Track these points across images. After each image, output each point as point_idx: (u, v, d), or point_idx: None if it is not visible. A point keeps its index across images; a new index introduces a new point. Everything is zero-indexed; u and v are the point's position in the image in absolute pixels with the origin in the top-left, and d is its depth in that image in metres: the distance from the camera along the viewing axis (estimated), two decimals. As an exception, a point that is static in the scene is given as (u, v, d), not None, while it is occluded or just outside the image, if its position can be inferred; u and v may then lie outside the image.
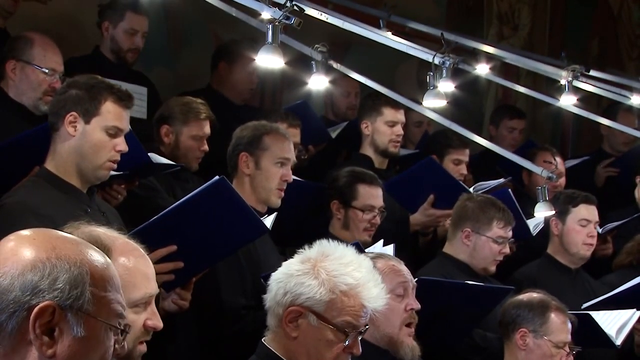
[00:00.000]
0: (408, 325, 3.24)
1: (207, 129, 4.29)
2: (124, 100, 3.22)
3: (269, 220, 3.63)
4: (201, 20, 5.72)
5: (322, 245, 2.60)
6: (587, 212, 4.70)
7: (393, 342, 3.21)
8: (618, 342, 4.05)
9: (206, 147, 4.29)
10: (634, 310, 4.16)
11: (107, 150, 3.19)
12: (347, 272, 2.51)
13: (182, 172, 4.26)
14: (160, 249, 2.88)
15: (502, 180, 4.88)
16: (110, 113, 3.18)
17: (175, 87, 5.36)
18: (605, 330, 4.02)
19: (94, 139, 3.17)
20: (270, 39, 3.53)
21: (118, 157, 3.22)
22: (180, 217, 3.03)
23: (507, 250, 4.30)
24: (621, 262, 5.01)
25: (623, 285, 4.35)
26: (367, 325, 2.56)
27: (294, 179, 3.97)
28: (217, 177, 3.06)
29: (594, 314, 4.07)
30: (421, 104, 4.50)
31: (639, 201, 5.66)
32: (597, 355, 4.30)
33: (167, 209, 3.06)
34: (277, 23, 3.50)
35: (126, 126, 3.25)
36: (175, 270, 2.96)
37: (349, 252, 2.59)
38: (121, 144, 3.21)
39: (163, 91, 5.16)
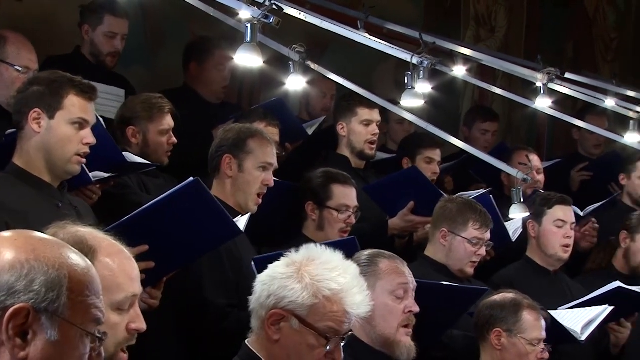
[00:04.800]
0: (405, 326, 3.23)
1: (171, 122, 4.24)
2: (87, 92, 3.17)
3: (242, 221, 3.58)
4: (179, 20, 5.66)
5: (309, 249, 2.57)
6: (562, 213, 4.69)
7: (389, 343, 3.20)
8: (583, 337, 4.04)
9: (174, 139, 4.23)
10: (605, 306, 4.17)
11: (74, 144, 3.14)
12: (332, 278, 2.48)
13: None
14: (132, 249, 2.84)
15: (482, 190, 4.89)
16: (75, 106, 3.13)
17: (153, 86, 5.30)
18: (569, 326, 4.02)
19: (59, 133, 3.12)
20: (248, 38, 3.50)
21: (87, 150, 3.17)
22: (153, 217, 2.98)
23: (482, 252, 4.28)
24: (591, 268, 5.06)
25: (596, 292, 4.35)
26: (350, 331, 2.54)
27: None
28: (191, 179, 3.01)
29: (557, 311, 4.08)
30: (399, 104, 4.48)
31: (624, 197, 5.73)
32: (574, 354, 4.29)
33: (139, 209, 3.01)
34: (255, 22, 3.48)
35: (92, 118, 3.19)
36: (146, 270, 2.88)
37: (336, 257, 2.56)
38: (88, 137, 3.16)
39: (141, 90, 5.09)
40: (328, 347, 2.46)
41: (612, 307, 4.17)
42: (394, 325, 3.16)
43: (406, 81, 4.15)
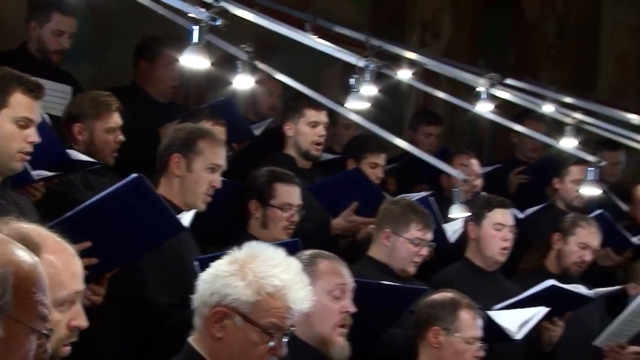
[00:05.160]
0: (341, 326, 3.23)
1: (119, 120, 4.21)
2: (34, 91, 3.14)
3: (187, 218, 3.58)
4: (127, 18, 5.63)
5: (252, 247, 2.56)
6: (502, 216, 4.74)
7: (325, 342, 3.20)
8: (519, 336, 4.11)
9: (122, 138, 4.21)
10: (541, 307, 4.24)
11: (17, 142, 3.11)
12: (275, 274, 2.47)
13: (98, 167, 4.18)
14: (74, 245, 2.84)
15: (423, 193, 4.94)
16: (20, 104, 3.10)
17: (100, 84, 5.27)
18: (505, 326, 4.09)
19: (3, 131, 3.09)
20: (195, 40, 3.49)
21: (30, 149, 3.14)
22: (96, 213, 2.97)
23: (424, 252, 4.33)
24: (525, 268, 5.14)
25: (532, 290, 4.42)
26: (293, 326, 2.53)
27: None
28: (134, 175, 3.00)
29: (493, 311, 4.15)
30: (344, 106, 4.51)
31: (557, 200, 5.84)
32: (509, 352, 4.36)
33: (82, 205, 3.00)
34: (203, 24, 3.47)
35: (37, 117, 3.17)
36: (89, 266, 2.90)
37: (278, 254, 2.55)
38: (32, 135, 3.13)
39: (88, 88, 5.05)
40: (271, 343, 2.45)
41: (548, 309, 4.25)
42: (330, 324, 3.17)
43: (352, 84, 4.17)
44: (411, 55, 5.06)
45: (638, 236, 5.70)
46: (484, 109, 4.80)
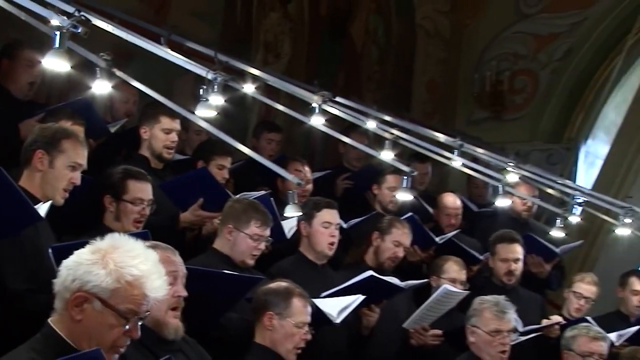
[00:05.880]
0: (174, 309, 3.15)
1: None
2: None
3: (44, 208, 3.36)
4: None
5: (114, 238, 2.43)
6: (329, 216, 4.75)
7: (159, 324, 3.11)
8: (338, 320, 4.12)
9: None
10: (358, 295, 4.26)
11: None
12: (134, 265, 2.36)
13: None
14: None
15: (262, 192, 4.89)
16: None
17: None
18: (328, 311, 4.09)
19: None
20: (57, 45, 3.30)
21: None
22: None
23: (262, 247, 4.28)
24: (349, 262, 5.15)
25: (353, 279, 4.44)
26: (148, 312, 2.42)
27: None
28: None
29: (319, 299, 4.13)
30: (194, 113, 4.39)
31: (376, 204, 5.88)
32: (333, 335, 4.35)
33: None
34: (64, 30, 3.28)
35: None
36: None
37: (138, 245, 2.44)
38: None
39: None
40: (127, 327, 2.36)
41: (364, 297, 4.28)
42: (163, 308, 3.08)
43: (202, 94, 4.09)
44: (255, 71, 5.01)
45: (440, 237, 5.81)
46: (317, 122, 4.80)
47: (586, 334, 4.76)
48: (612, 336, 5.23)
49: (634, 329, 5.43)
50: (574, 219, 6.15)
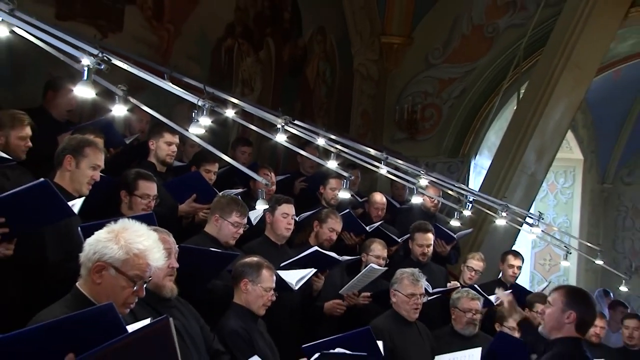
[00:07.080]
0: (170, 275, 3.16)
1: (29, 131, 3.92)
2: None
3: (77, 204, 3.36)
4: (38, 59, 5.14)
5: (124, 222, 2.45)
6: (287, 208, 4.75)
7: (159, 287, 3.11)
8: (296, 287, 4.12)
9: (30, 144, 3.91)
10: (312, 269, 4.27)
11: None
12: (140, 241, 2.37)
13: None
14: None
15: (239, 190, 4.87)
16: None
17: (15, 105, 4.79)
18: (288, 280, 4.08)
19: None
20: (85, 78, 3.26)
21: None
22: (9, 204, 2.78)
23: (240, 231, 4.28)
24: (298, 242, 5.13)
25: (303, 253, 4.44)
26: (150, 277, 2.43)
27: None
28: (42, 180, 2.81)
29: (281, 271, 4.12)
30: (189, 131, 4.35)
31: (322, 201, 5.87)
32: (290, 298, 4.34)
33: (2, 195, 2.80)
34: (91, 67, 3.25)
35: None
36: (3, 233, 2.74)
37: (142, 227, 2.45)
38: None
39: (7, 107, 4.59)
40: (135, 288, 2.37)
41: (315, 270, 4.29)
42: (161, 275, 3.11)
43: (194, 116, 4.07)
44: (234, 100, 4.98)
45: (369, 225, 5.85)
46: (281, 139, 4.79)
47: (466, 296, 4.87)
48: (492, 298, 5.34)
49: (508, 292, 5.55)
50: (467, 213, 6.26)
